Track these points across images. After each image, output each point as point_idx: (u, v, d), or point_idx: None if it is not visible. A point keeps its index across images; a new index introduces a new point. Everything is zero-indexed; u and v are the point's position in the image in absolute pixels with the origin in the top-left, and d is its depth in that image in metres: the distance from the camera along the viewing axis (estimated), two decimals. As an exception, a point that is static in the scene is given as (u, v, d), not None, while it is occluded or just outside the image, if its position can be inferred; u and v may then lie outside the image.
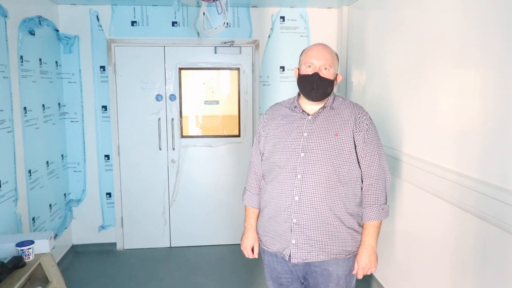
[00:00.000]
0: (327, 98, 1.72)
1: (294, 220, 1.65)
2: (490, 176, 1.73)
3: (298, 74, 1.74)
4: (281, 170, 1.69)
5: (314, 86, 1.66)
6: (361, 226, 1.72)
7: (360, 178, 1.69)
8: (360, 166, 1.67)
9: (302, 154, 1.65)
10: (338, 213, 1.65)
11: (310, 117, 1.70)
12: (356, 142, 1.65)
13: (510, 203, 1.59)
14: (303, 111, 1.73)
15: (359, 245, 1.71)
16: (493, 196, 1.68)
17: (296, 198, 1.64)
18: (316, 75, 1.66)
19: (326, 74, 1.67)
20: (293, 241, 1.66)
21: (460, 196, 1.91)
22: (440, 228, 2.12)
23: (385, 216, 1.69)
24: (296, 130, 1.70)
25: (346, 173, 1.65)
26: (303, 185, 1.64)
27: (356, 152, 1.65)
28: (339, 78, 1.74)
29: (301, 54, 1.76)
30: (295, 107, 1.75)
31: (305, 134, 1.67)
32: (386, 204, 1.71)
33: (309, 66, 1.68)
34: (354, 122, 1.66)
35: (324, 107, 1.71)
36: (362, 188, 1.70)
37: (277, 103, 1.87)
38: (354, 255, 1.71)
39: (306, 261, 1.67)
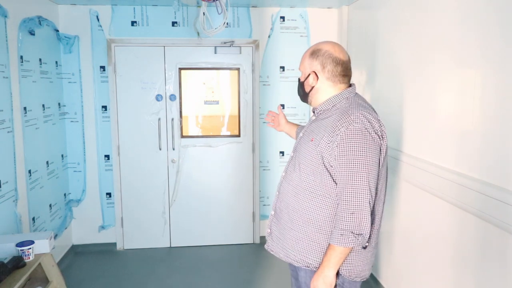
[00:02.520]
0: (314, 101, 1.69)
1: (272, 212, 1.76)
2: (490, 176, 1.73)
3: None
4: None
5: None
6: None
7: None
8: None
9: (292, 155, 1.72)
10: (300, 221, 1.59)
11: (313, 118, 1.72)
12: (324, 155, 1.51)
13: (510, 203, 1.59)
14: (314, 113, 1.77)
15: None
16: (493, 196, 1.68)
17: (277, 193, 1.75)
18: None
19: (300, 76, 1.72)
20: (268, 230, 1.77)
21: (460, 195, 1.91)
22: (440, 227, 2.12)
23: (341, 243, 1.45)
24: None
25: (317, 184, 1.54)
26: (282, 184, 1.72)
27: (325, 165, 1.51)
28: (311, 77, 1.62)
29: None
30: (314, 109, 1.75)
31: (299, 137, 1.72)
32: (352, 232, 1.43)
33: None
34: (330, 134, 1.49)
35: (313, 110, 1.72)
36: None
37: None
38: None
39: (272, 252, 1.74)
